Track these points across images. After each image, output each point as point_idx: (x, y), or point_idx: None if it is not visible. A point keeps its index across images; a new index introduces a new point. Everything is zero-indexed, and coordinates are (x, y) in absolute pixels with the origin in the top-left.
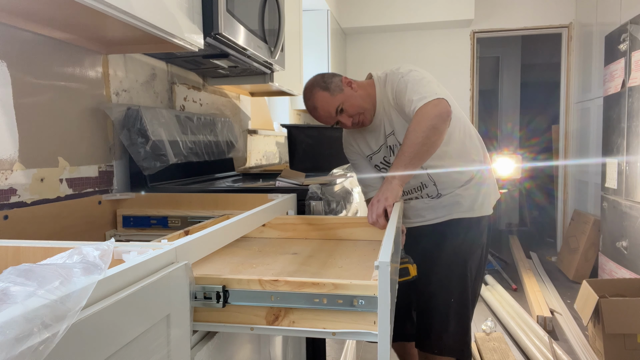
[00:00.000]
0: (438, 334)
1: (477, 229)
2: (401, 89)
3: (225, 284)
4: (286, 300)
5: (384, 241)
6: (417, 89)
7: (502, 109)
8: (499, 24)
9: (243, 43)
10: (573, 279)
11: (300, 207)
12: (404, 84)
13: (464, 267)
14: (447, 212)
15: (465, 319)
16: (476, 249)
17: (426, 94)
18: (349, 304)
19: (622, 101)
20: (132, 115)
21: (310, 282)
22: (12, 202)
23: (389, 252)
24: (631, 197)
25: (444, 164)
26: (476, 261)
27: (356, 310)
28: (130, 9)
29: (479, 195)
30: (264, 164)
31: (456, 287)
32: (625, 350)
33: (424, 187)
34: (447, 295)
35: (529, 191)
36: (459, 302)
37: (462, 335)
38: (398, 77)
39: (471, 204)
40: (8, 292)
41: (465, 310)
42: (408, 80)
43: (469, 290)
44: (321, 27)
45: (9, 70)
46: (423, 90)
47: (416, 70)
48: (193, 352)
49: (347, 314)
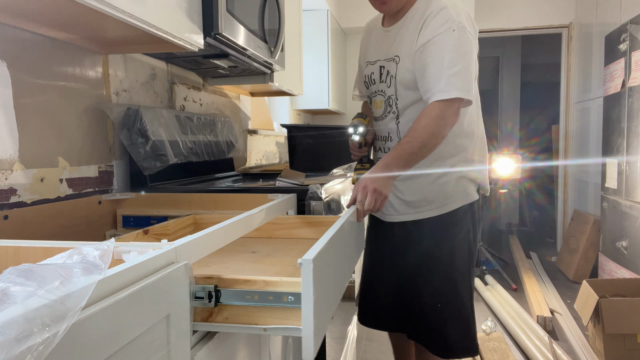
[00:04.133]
0: (435, 341)
1: (455, 223)
2: (430, 54)
3: None
4: (220, 297)
5: (319, 239)
6: (444, 72)
7: (502, 109)
8: (499, 24)
9: (243, 43)
10: (573, 279)
11: (300, 207)
12: (437, 52)
13: (449, 270)
14: (417, 209)
15: (462, 321)
16: (460, 243)
17: (448, 86)
18: (279, 300)
19: (622, 101)
20: (132, 115)
21: (242, 279)
22: (12, 202)
23: (317, 250)
24: (631, 197)
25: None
26: (464, 256)
27: (286, 306)
28: (130, 9)
29: (454, 186)
30: (264, 164)
31: (445, 292)
32: (625, 350)
33: (389, 139)
34: (433, 301)
35: (529, 191)
36: (451, 305)
37: (463, 336)
38: (439, 29)
39: (443, 199)
40: (8, 292)
41: (459, 311)
42: (445, 50)
43: (459, 290)
44: (321, 27)
45: (9, 70)
46: (450, 77)
47: (466, 36)
48: (193, 352)
49: (278, 310)
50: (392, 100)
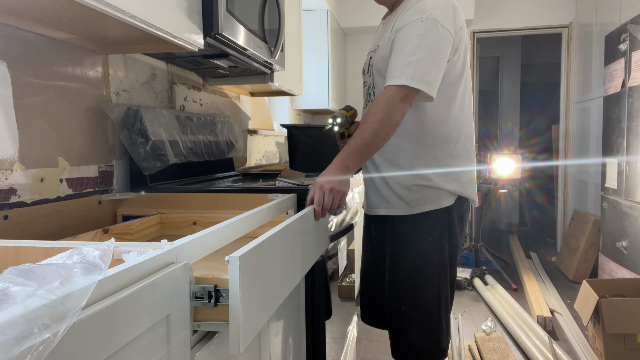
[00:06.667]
0: (395, 341)
1: (425, 227)
2: (396, 43)
3: None
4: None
5: (257, 238)
6: (401, 59)
7: (502, 109)
8: (499, 24)
9: (243, 43)
10: (573, 279)
11: (300, 207)
12: (400, 41)
13: (413, 273)
14: (388, 203)
15: (424, 324)
16: (429, 247)
17: (399, 73)
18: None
19: (622, 101)
20: (132, 115)
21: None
22: (12, 202)
23: (247, 249)
24: (631, 197)
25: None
26: (432, 262)
27: (222, 303)
28: (130, 9)
29: (421, 190)
30: (264, 164)
31: (407, 295)
32: (625, 350)
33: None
34: (397, 303)
35: (529, 191)
36: (414, 309)
37: (425, 341)
38: (410, 18)
39: (410, 200)
40: (8, 292)
41: (422, 316)
42: (407, 39)
43: (424, 295)
44: (321, 27)
45: (9, 70)
46: (404, 65)
47: (435, 28)
48: (193, 352)
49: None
50: (371, 90)
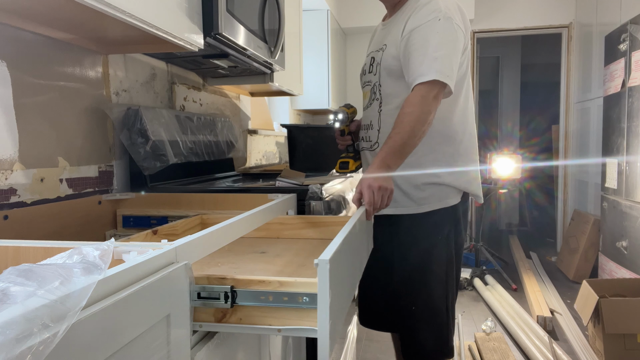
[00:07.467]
0: (406, 342)
1: (432, 225)
2: (416, 41)
3: None
4: (236, 298)
5: (334, 240)
6: (427, 56)
7: (502, 109)
8: (499, 24)
9: (243, 43)
10: (573, 279)
11: (300, 207)
12: (422, 39)
13: (424, 272)
14: (395, 202)
15: (435, 325)
16: (437, 246)
17: (428, 69)
18: (294, 301)
19: (622, 101)
20: (132, 115)
21: (257, 279)
22: (12, 202)
23: (333, 250)
24: (631, 197)
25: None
26: (441, 260)
27: (301, 307)
28: (130, 9)
29: (430, 188)
30: (264, 164)
31: (419, 295)
32: (625, 350)
33: (370, 127)
34: (408, 303)
35: (529, 191)
36: (425, 309)
37: (435, 341)
38: (426, 17)
39: (419, 198)
40: (8, 292)
41: (433, 316)
42: (429, 37)
43: (434, 294)
44: (321, 27)
45: (9, 70)
46: (431, 61)
47: (452, 27)
48: (193, 352)
49: (292, 310)
50: (376, 88)
